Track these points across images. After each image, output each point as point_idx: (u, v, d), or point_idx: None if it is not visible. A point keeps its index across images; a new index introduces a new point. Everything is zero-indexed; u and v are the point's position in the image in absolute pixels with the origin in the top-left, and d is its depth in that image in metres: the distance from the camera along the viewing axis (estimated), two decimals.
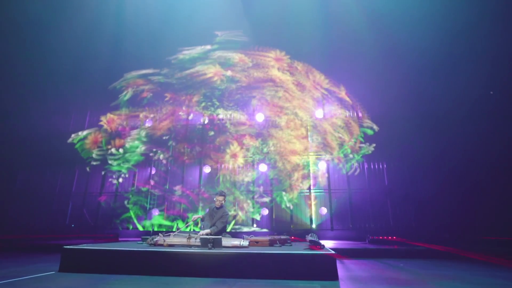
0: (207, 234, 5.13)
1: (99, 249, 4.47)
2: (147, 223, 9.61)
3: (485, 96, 8.03)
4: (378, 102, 9.60)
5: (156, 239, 5.05)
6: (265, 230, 9.07)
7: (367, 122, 9.48)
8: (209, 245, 4.49)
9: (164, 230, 9.31)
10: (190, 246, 4.82)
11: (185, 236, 5.04)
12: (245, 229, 9.03)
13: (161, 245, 4.93)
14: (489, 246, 6.62)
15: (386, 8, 9.40)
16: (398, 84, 9.20)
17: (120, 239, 9.54)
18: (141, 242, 5.70)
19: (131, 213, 9.64)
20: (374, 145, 9.15)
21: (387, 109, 9.42)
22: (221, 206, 5.64)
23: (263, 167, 10.53)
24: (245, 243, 4.85)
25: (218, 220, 5.46)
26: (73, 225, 10.05)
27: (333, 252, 3.96)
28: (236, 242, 4.87)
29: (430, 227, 8.03)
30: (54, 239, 8.69)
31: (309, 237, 6.08)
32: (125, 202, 9.71)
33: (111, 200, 9.87)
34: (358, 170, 9.17)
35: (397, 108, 9.25)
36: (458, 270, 4.76)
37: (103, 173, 10.10)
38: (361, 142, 9.38)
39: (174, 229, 9.34)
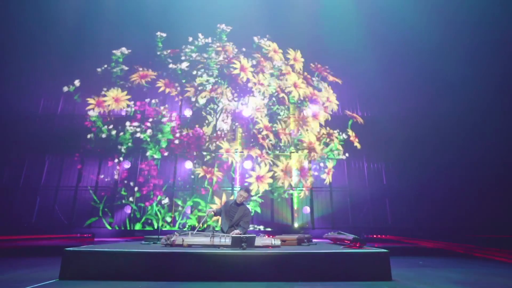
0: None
1: (109, 251, 3.71)
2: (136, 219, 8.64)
3: (481, 96, 8.46)
4: (376, 103, 9.74)
5: (172, 238, 4.38)
6: (268, 229, 8.66)
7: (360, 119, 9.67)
8: (243, 244, 3.97)
9: (151, 229, 8.46)
10: (214, 246, 4.25)
11: (207, 235, 4.45)
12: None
13: (179, 245, 4.29)
14: (486, 243, 6.94)
15: (386, 5, 9.61)
16: (395, 85, 9.40)
17: (95, 239, 8.47)
18: (148, 242, 4.96)
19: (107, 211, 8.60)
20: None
21: (384, 109, 9.59)
22: (242, 203, 5.12)
23: (247, 164, 10.13)
24: (277, 242, 4.42)
25: (242, 220, 4.95)
26: (25, 225, 8.68)
27: (386, 250, 3.71)
28: (267, 241, 4.42)
29: (427, 225, 8.30)
30: (18, 240, 7.38)
31: (330, 235, 5.85)
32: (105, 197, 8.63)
33: (90, 195, 8.68)
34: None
35: (395, 108, 9.45)
36: (490, 268, 4.82)
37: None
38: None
39: (167, 228, 8.51)
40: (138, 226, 8.67)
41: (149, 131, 9.21)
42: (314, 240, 5.61)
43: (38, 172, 8.78)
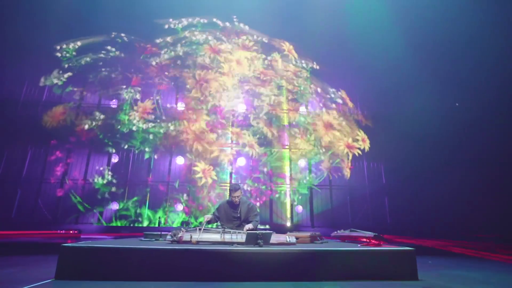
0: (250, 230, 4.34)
1: (112, 247, 3.32)
2: (124, 216, 8.12)
3: (483, 95, 8.52)
4: (377, 102, 9.68)
5: (180, 235, 4.02)
6: (267, 226, 8.40)
7: (364, 120, 9.53)
8: (259, 241, 3.69)
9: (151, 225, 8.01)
10: (225, 243, 3.94)
11: (217, 232, 4.13)
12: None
13: (187, 242, 3.95)
14: (484, 242, 7.00)
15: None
16: (397, 85, 9.38)
17: (82, 235, 7.91)
18: (150, 239, 4.58)
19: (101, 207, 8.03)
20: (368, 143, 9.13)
21: (385, 109, 9.55)
22: (239, 202, 4.82)
23: (241, 161, 9.89)
24: (292, 239, 4.16)
25: (250, 215, 4.69)
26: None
27: (412, 248, 3.54)
28: (282, 238, 4.15)
29: (427, 225, 8.30)
30: None
31: (340, 233, 5.67)
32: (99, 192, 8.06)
33: (77, 189, 8.07)
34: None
35: (396, 108, 9.42)
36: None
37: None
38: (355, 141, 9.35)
39: (156, 225, 8.07)
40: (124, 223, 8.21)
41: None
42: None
43: (19, 163, 8.07)
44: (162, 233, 4.59)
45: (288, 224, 9.31)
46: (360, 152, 9.14)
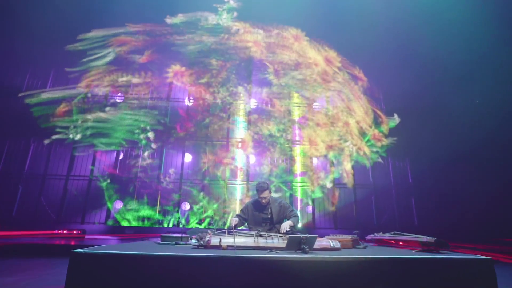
0: (290, 227, 3.92)
1: (132, 254, 2.77)
2: (130, 216, 7.57)
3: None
4: (401, 96, 9.08)
5: (207, 238, 3.48)
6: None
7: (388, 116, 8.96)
8: (304, 247, 3.14)
9: (156, 226, 7.45)
10: (261, 248, 3.41)
11: (250, 235, 3.59)
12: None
13: (216, 246, 3.41)
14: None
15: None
16: (423, 79, 8.80)
17: (86, 236, 7.38)
18: (169, 242, 4.03)
19: (109, 205, 7.49)
20: (395, 138, 8.51)
21: (410, 103, 8.94)
22: (269, 202, 4.25)
23: (254, 158, 9.45)
24: (336, 244, 3.62)
25: (287, 213, 4.20)
26: None
27: (488, 257, 2.99)
28: (324, 242, 3.61)
29: (457, 227, 7.73)
30: None
31: (378, 235, 5.16)
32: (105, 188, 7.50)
33: (82, 186, 7.53)
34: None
35: (421, 103, 8.83)
36: None
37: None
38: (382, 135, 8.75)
39: (166, 225, 7.52)
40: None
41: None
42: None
43: (21, 158, 7.52)
44: (183, 235, 4.05)
45: (300, 225, 8.85)
46: (382, 154, 8.58)
